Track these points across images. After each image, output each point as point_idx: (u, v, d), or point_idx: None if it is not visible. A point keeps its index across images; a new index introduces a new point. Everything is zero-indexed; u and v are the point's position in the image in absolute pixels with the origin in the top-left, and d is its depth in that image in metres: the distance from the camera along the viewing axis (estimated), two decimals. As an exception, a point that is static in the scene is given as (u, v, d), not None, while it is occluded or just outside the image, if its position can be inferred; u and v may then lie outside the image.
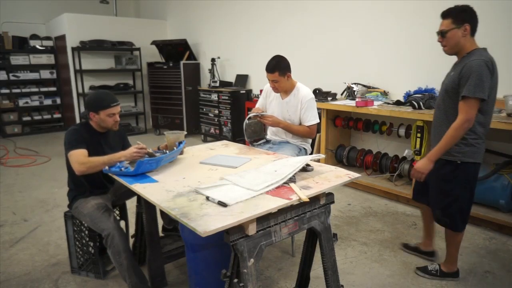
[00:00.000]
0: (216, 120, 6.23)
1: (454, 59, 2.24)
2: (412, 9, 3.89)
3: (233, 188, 1.73)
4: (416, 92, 3.72)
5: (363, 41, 4.39)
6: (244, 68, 6.24)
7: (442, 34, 2.09)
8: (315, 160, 2.16)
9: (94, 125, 2.31)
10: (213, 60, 6.45)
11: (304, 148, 2.83)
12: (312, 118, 2.71)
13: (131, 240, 2.61)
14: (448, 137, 2.03)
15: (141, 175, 1.99)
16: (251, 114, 2.70)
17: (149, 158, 2.03)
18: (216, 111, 6.18)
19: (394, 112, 3.42)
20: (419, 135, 3.36)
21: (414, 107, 3.37)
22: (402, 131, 3.81)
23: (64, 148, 2.19)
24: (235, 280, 1.57)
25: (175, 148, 2.27)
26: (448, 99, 2.11)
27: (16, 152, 5.94)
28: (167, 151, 2.28)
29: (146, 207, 2.19)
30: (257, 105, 2.97)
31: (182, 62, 6.73)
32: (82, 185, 2.30)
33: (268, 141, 2.90)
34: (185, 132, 2.51)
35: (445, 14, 2.09)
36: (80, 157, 2.09)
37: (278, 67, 2.63)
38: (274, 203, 1.56)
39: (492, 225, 3.05)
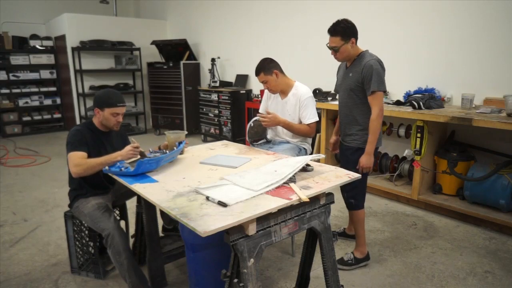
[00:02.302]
0: (216, 120, 6.23)
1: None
2: (411, 9, 3.89)
3: (233, 188, 1.73)
4: (416, 92, 3.72)
5: (363, 41, 4.36)
6: (244, 68, 6.25)
7: (335, 50, 2.37)
8: (315, 160, 2.16)
9: (97, 123, 2.32)
10: (213, 60, 6.45)
11: (304, 148, 2.83)
12: (311, 116, 2.70)
13: (131, 240, 2.61)
14: (373, 129, 2.34)
15: (141, 175, 1.99)
16: (255, 118, 2.75)
17: (148, 158, 2.04)
18: (216, 111, 6.18)
19: (394, 112, 3.42)
20: (419, 135, 3.36)
21: (414, 107, 3.37)
22: (402, 131, 3.82)
23: (66, 148, 2.20)
24: (235, 280, 1.57)
25: (175, 148, 2.28)
26: (354, 96, 2.42)
27: (16, 152, 5.94)
28: (167, 151, 2.28)
29: (146, 207, 2.19)
30: (260, 109, 2.99)
31: (182, 62, 6.73)
32: (83, 186, 2.30)
33: (268, 141, 2.90)
34: (186, 132, 2.53)
35: (333, 32, 2.35)
36: (76, 159, 2.10)
37: (262, 68, 2.69)
38: (274, 203, 1.56)
39: (492, 225, 3.05)
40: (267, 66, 2.68)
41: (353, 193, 2.52)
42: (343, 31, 2.32)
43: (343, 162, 2.60)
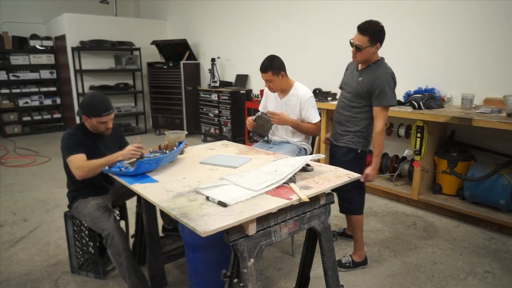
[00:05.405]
0: (216, 120, 6.23)
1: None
2: (411, 9, 3.89)
3: (233, 188, 1.73)
4: (416, 92, 3.72)
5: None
6: (244, 68, 6.25)
7: (358, 49, 2.28)
8: (315, 160, 2.16)
9: (89, 127, 2.31)
10: (213, 60, 6.44)
11: (304, 148, 2.83)
12: (316, 116, 2.73)
13: (131, 240, 2.61)
14: (377, 143, 2.34)
15: (141, 175, 1.98)
16: (264, 110, 2.73)
17: (148, 158, 2.03)
18: (216, 111, 6.18)
19: (394, 112, 3.41)
20: (419, 135, 3.36)
21: (414, 107, 3.37)
22: (402, 131, 3.82)
23: (62, 153, 2.20)
24: (235, 280, 1.57)
25: (175, 148, 2.28)
26: (360, 100, 2.38)
27: (16, 152, 5.94)
28: (167, 151, 2.28)
29: (146, 207, 2.19)
30: (259, 108, 2.97)
31: (182, 62, 6.73)
32: (81, 187, 2.30)
33: (268, 141, 2.90)
34: (186, 132, 2.53)
35: (363, 31, 2.24)
36: (78, 162, 2.10)
37: (271, 66, 2.64)
38: (274, 203, 1.56)
39: (492, 225, 3.05)
40: (276, 66, 2.64)
41: (349, 196, 2.48)
42: (374, 33, 2.23)
43: (333, 163, 2.51)
